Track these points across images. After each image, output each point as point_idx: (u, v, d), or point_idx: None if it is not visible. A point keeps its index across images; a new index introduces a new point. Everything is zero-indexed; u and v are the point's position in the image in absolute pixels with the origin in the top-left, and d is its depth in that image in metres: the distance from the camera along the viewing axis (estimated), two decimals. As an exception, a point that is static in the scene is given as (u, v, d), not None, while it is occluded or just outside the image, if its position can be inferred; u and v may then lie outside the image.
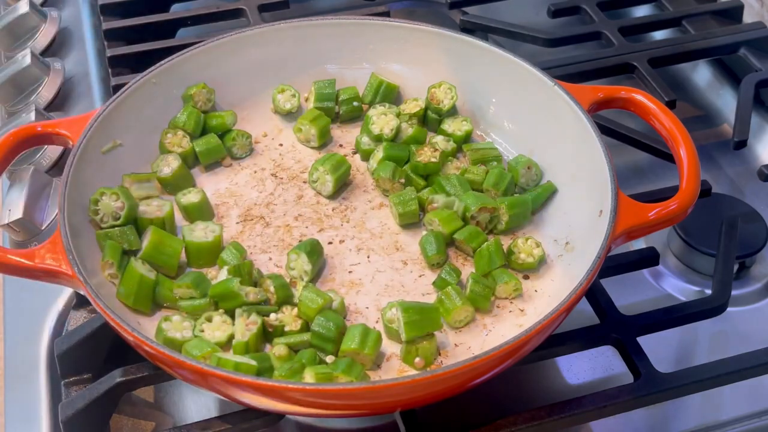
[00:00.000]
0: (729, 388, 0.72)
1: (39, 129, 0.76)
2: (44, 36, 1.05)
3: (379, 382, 0.60)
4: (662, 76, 0.97)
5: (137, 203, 0.76)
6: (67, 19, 1.09)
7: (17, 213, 0.82)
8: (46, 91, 0.97)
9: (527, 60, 0.82)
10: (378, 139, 0.83)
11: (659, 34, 1.10)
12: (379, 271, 0.76)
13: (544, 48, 1.03)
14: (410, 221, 0.79)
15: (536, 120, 0.82)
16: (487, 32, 1.04)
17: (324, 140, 0.86)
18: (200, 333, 0.69)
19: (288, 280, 0.73)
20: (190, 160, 0.83)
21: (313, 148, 0.86)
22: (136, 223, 0.75)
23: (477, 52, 0.84)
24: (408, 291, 0.74)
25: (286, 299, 0.71)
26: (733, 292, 0.77)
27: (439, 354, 0.70)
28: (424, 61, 0.87)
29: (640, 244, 0.85)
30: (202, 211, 0.78)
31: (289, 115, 0.88)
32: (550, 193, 0.79)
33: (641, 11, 1.14)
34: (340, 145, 0.86)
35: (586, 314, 0.75)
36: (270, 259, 0.76)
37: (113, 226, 0.73)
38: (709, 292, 0.78)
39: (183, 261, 0.75)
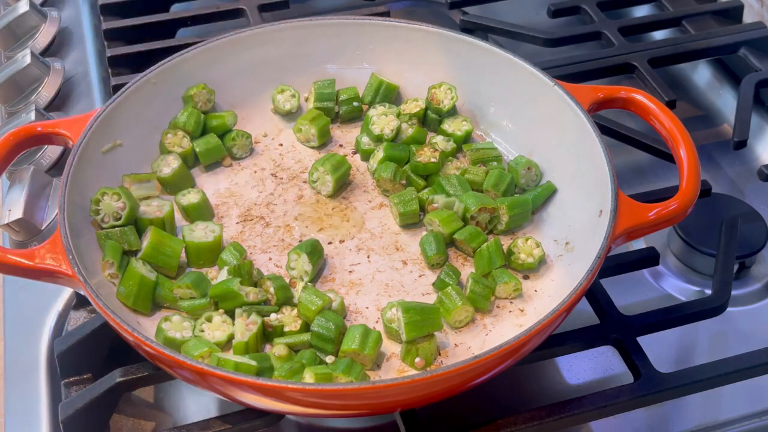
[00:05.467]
0: (729, 388, 0.72)
1: (39, 129, 0.76)
2: (44, 36, 1.05)
3: (379, 382, 0.60)
4: (662, 76, 0.97)
5: (138, 203, 0.76)
6: (67, 19, 1.09)
7: (17, 213, 0.82)
8: (46, 91, 0.97)
9: (527, 60, 0.82)
10: (378, 139, 0.83)
11: (659, 34, 1.10)
12: (379, 271, 0.76)
13: (544, 48, 1.03)
14: (410, 221, 0.79)
15: (536, 120, 0.82)
16: (487, 32, 1.04)
17: (324, 140, 0.86)
18: (200, 333, 0.69)
19: (288, 281, 0.73)
20: (190, 160, 0.83)
21: (313, 148, 0.86)
22: (136, 223, 0.75)
23: (477, 52, 0.84)
24: (408, 291, 0.74)
25: (286, 300, 0.71)
26: (733, 292, 0.77)
27: (439, 354, 0.70)
28: (424, 61, 0.87)
29: (640, 244, 0.85)
30: (202, 211, 0.78)
31: (289, 115, 0.88)
32: (550, 193, 0.79)
33: (641, 11, 1.14)
34: (340, 145, 0.86)
35: (586, 314, 0.75)
36: (270, 259, 0.76)
37: (114, 227, 0.73)
38: (709, 292, 0.78)
39: (183, 261, 0.75)
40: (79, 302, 0.79)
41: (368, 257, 0.77)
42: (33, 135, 0.75)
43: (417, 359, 0.68)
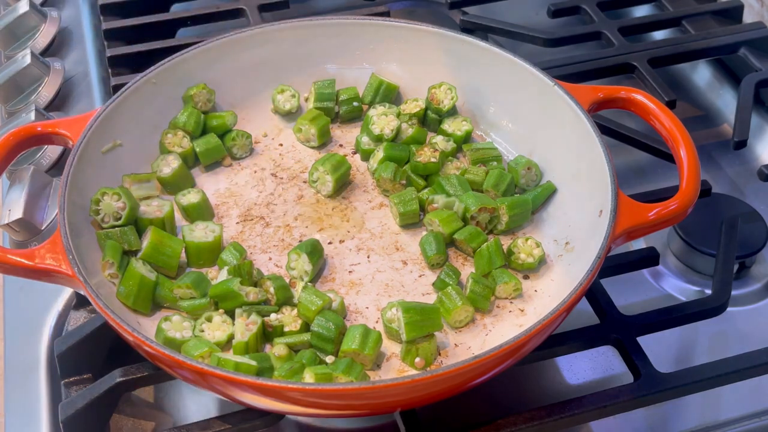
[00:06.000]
0: (729, 388, 0.72)
1: (39, 129, 0.76)
2: (44, 36, 1.05)
3: (379, 382, 0.60)
4: (662, 76, 0.97)
5: (138, 203, 0.76)
6: (67, 19, 1.09)
7: (17, 213, 0.82)
8: (46, 91, 0.97)
9: (527, 60, 0.82)
10: (378, 139, 0.83)
11: (659, 34, 1.10)
12: (379, 271, 0.76)
13: (544, 48, 1.03)
14: (411, 221, 0.79)
15: (536, 120, 0.82)
16: (487, 32, 1.04)
17: (324, 140, 0.86)
18: (200, 333, 0.69)
19: (288, 281, 0.73)
20: (190, 160, 0.83)
21: (313, 147, 0.86)
22: (136, 223, 0.75)
23: (477, 52, 0.84)
24: (408, 291, 0.74)
25: (286, 300, 0.71)
26: (733, 292, 0.77)
27: (439, 354, 0.70)
28: (424, 61, 0.87)
29: (640, 244, 0.85)
30: (202, 211, 0.78)
31: (289, 115, 0.88)
32: (550, 193, 0.79)
33: (641, 11, 1.14)
34: (340, 145, 0.86)
35: (586, 314, 0.75)
36: (270, 259, 0.76)
37: (114, 227, 0.73)
38: (709, 292, 0.78)
39: (183, 261, 0.75)
40: (79, 302, 0.79)
41: (368, 257, 0.77)
42: (33, 135, 0.75)
43: (417, 359, 0.68)
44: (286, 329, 0.70)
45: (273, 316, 0.70)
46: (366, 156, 0.84)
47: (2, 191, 0.90)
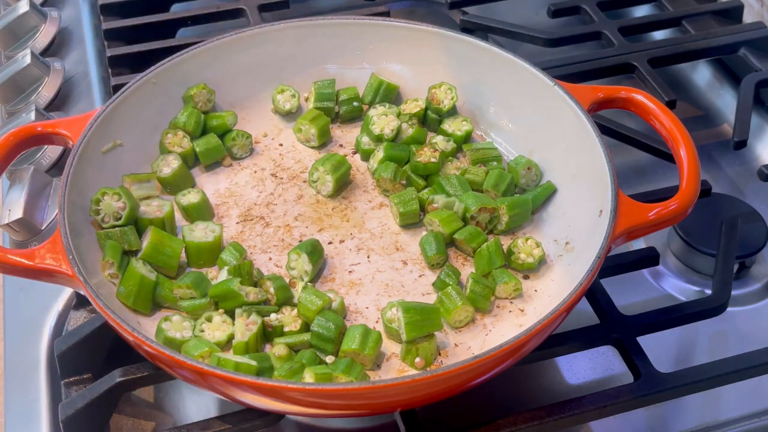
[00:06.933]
0: (729, 388, 0.72)
1: (39, 129, 0.76)
2: (44, 36, 1.05)
3: (379, 382, 0.60)
4: (662, 76, 0.97)
5: (138, 203, 0.76)
6: (67, 19, 1.09)
7: (17, 213, 0.82)
8: (46, 91, 0.97)
9: (527, 60, 0.82)
10: (378, 139, 0.83)
11: (659, 34, 1.10)
12: (379, 271, 0.76)
13: (544, 48, 1.03)
14: (411, 221, 0.79)
15: (536, 120, 0.82)
16: (487, 32, 1.04)
17: (324, 140, 0.86)
18: (200, 333, 0.69)
19: (288, 281, 0.73)
20: (190, 160, 0.83)
21: (313, 147, 0.86)
22: (136, 223, 0.75)
23: (477, 52, 0.84)
24: (408, 291, 0.74)
25: (286, 300, 0.71)
26: (733, 292, 0.77)
27: (439, 354, 0.70)
28: (424, 61, 0.87)
29: (640, 244, 0.85)
30: (202, 211, 0.78)
31: (289, 115, 0.88)
32: (550, 193, 0.79)
33: (641, 11, 1.14)
34: (340, 145, 0.87)
35: (586, 314, 0.75)
36: (270, 259, 0.76)
37: (114, 227, 0.73)
38: (709, 292, 0.78)
39: (183, 261, 0.75)
40: (79, 302, 0.79)
41: (368, 257, 0.77)
42: (33, 135, 0.75)
43: (417, 359, 0.68)
44: (286, 329, 0.70)
45: (273, 316, 0.70)
46: (366, 156, 0.84)
47: (2, 191, 0.90)
